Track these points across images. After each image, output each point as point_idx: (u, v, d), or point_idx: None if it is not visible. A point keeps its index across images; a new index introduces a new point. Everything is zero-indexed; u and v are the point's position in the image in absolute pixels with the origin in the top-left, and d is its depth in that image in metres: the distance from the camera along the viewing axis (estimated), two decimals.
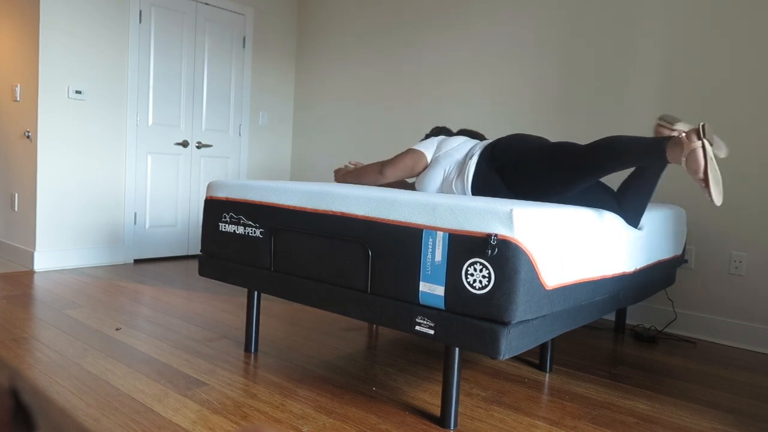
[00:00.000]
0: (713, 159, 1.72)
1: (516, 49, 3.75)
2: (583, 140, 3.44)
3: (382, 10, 4.53)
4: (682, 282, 3.09)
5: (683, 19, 3.08)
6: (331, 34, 4.93)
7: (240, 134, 4.92)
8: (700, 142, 1.73)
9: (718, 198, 1.72)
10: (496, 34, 3.85)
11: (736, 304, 2.92)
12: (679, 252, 2.72)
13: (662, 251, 2.49)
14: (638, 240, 2.23)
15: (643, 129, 3.21)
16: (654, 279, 2.49)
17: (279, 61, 5.15)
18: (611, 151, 1.89)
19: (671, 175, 3.12)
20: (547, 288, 1.64)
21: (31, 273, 3.74)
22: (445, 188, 2.29)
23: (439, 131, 2.71)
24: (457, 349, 1.75)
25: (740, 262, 2.90)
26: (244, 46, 4.89)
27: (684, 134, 1.77)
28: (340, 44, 4.85)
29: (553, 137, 3.57)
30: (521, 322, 1.60)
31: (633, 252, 2.17)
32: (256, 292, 2.38)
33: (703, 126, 1.73)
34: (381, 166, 2.36)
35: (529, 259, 1.56)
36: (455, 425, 1.79)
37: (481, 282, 1.58)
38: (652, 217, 2.39)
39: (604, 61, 3.36)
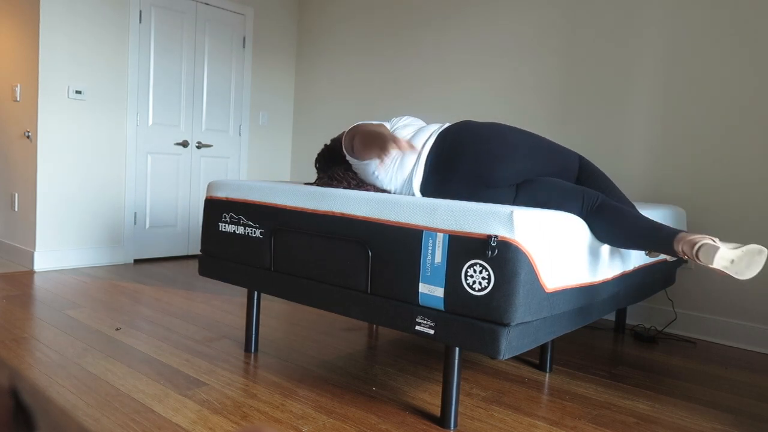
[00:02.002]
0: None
1: (518, 48, 3.75)
2: (584, 138, 3.44)
3: (382, 9, 4.53)
4: (682, 282, 3.09)
5: (685, 17, 3.08)
6: (331, 33, 4.93)
7: (240, 134, 4.93)
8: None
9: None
10: (497, 33, 3.85)
11: (736, 304, 2.92)
12: None
13: None
14: None
15: (645, 127, 3.21)
16: (654, 279, 2.49)
17: (279, 61, 5.15)
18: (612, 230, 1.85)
19: (671, 176, 3.12)
20: (547, 290, 1.64)
21: (31, 273, 3.74)
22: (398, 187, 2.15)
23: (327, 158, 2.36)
24: (457, 349, 1.75)
25: None
26: (244, 46, 4.89)
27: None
28: (340, 44, 4.85)
29: (555, 136, 3.57)
30: (521, 323, 1.60)
31: (632, 251, 2.16)
32: (256, 292, 2.38)
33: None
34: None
35: (529, 261, 1.56)
36: (455, 425, 1.79)
37: (480, 283, 1.57)
38: (652, 217, 2.39)
39: (607, 58, 3.36)
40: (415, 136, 2.13)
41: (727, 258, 1.72)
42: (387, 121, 2.26)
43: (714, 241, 1.71)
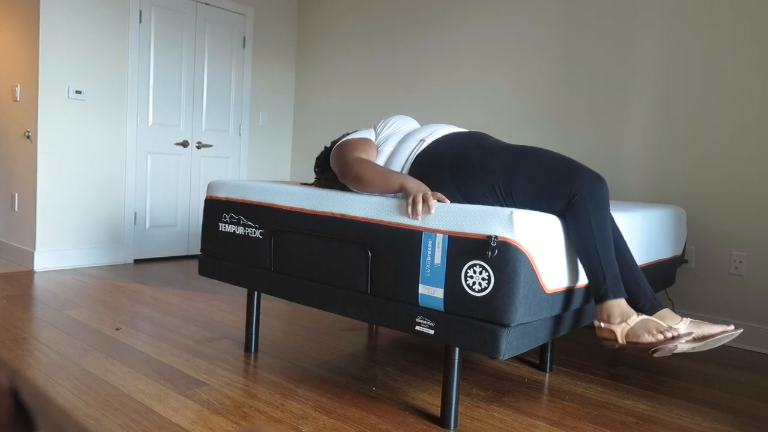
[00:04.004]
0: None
1: (518, 46, 3.75)
2: (585, 138, 3.44)
3: (381, 8, 4.53)
4: (682, 282, 3.09)
5: (687, 16, 3.08)
6: (331, 33, 4.93)
7: (240, 134, 4.93)
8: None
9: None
10: (498, 30, 3.85)
11: (736, 304, 2.92)
12: (679, 252, 2.72)
13: (662, 251, 2.49)
14: (637, 238, 2.23)
15: (646, 126, 3.21)
16: (654, 279, 2.49)
17: (279, 60, 5.15)
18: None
19: (671, 175, 3.12)
20: (547, 291, 1.64)
21: (31, 273, 3.74)
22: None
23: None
24: (457, 349, 1.75)
25: (740, 262, 2.90)
26: (244, 46, 4.89)
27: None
28: (340, 44, 4.85)
29: (555, 135, 3.57)
30: (521, 323, 1.60)
31: (632, 250, 2.16)
32: (256, 292, 2.38)
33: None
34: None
35: (529, 261, 1.56)
36: (455, 425, 1.79)
37: (480, 284, 1.57)
38: (652, 216, 2.39)
39: (608, 57, 3.36)
40: (392, 158, 2.02)
41: (684, 349, 1.75)
42: (372, 129, 2.19)
43: (675, 341, 1.69)
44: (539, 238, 1.60)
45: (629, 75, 3.27)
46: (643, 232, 2.28)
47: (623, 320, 1.70)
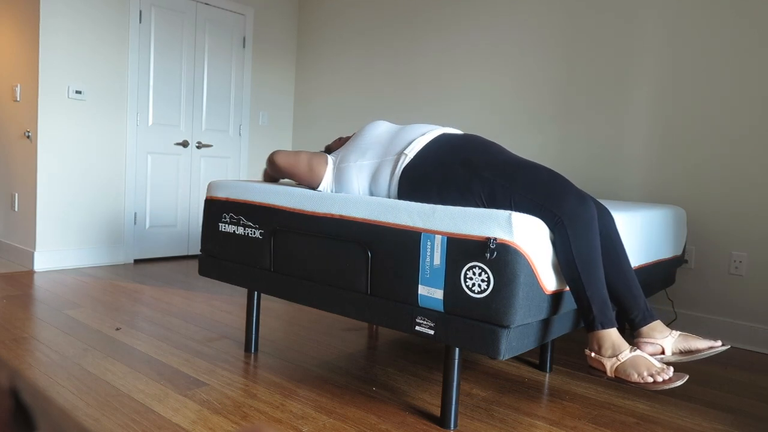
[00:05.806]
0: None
1: (520, 47, 3.75)
2: (586, 137, 3.44)
3: (381, 7, 4.53)
4: (682, 282, 3.09)
5: (688, 17, 3.08)
6: (331, 33, 4.93)
7: (240, 134, 4.93)
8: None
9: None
10: (496, 31, 3.85)
11: (736, 304, 2.92)
12: (679, 252, 2.72)
13: (662, 251, 2.49)
14: (637, 238, 2.23)
15: (647, 126, 3.21)
16: (654, 279, 2.49)
17: (279, 60, 5.16)
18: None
19: (671, 175, 3.12)
20: (546, 292, 1.64)
21: (31, 273, 3.74)
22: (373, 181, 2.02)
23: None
24: (457, 349, 1.75)
25: (740, 262, 2.90)
26: (244, 46, 4.89)
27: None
28: (340, 43, 4.85)
29: (556, 135, 3.57)
30: (521, 324, 1.60)
31: (632, 250, 2.17)
32: (256, 292, 2.38)
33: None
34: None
35: (529, 263, 1.56)
36: (455, 425, 1.79)
37: (480, 286, 1.57)
38: (652, 216, 2.39)
39: (609, 58, 3.36)
40: (377, 174, 1.98)
41: (669, 360, 1.76)
42: (338, 151, 2.14)
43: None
44: (538, 240, 1.60)
45: (630, 75, 3.27)
46: (643, 232, 2.28)
47: (614, 354, 1.65)
